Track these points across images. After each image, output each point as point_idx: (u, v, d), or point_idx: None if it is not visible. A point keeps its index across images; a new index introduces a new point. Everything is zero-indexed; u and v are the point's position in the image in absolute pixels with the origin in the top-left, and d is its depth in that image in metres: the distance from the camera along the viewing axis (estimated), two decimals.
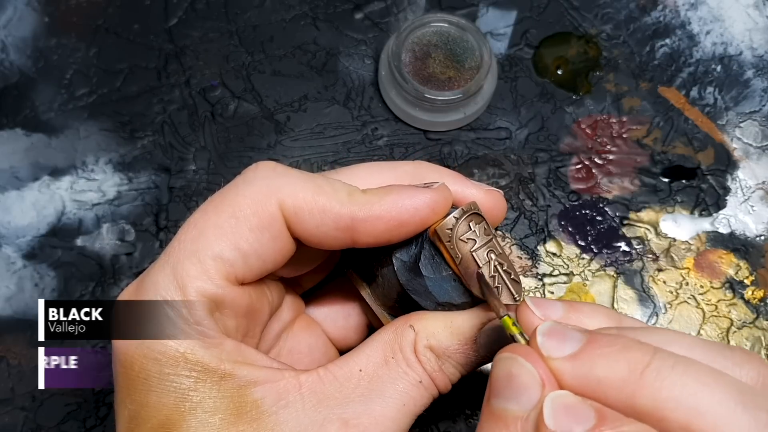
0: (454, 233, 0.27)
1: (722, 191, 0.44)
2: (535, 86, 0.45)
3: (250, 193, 0.27)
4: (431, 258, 0.28)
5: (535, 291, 0.41)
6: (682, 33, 0.47)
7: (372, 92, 0.45)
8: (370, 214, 0.27)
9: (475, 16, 0.47)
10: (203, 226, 0.27)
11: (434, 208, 0.27)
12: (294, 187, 0.27)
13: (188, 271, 0.26)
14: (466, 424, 0.39)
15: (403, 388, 0.26)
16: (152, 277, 0.26)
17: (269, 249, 0.27)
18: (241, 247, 0.26)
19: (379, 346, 0.27)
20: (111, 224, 0.42)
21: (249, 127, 0.44)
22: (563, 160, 0.44)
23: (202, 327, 0.25)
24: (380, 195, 0.27)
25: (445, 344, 0.27)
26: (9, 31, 0.46)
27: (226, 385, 0.25)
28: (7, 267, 0.41)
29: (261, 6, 0.47)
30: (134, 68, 0.45)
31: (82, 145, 0.44)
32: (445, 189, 0.28)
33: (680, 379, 0.20)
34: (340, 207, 0.27)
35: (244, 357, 0.26)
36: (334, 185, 0.27)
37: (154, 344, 0.25)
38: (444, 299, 0.28)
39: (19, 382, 0.39)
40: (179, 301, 0.25)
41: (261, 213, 0.26)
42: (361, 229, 0.27)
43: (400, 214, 0.27)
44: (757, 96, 0.46)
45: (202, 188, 0.43)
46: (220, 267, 0.26)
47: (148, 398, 0.25)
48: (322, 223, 0.27)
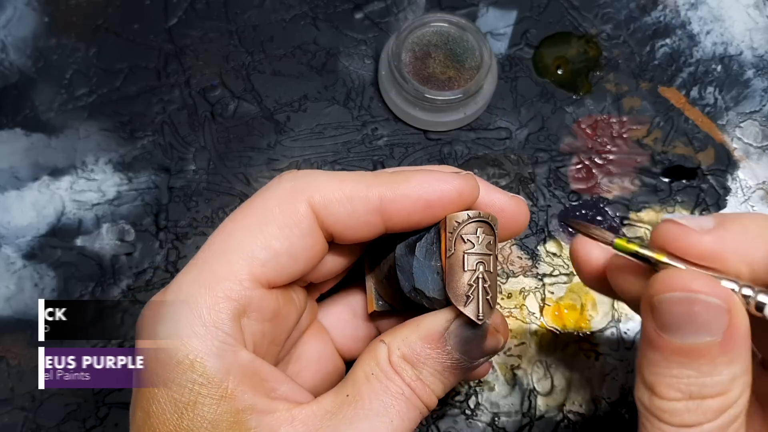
0: (459, 228, 0.27)
1: (722, 191, 0.44)
2: (535, 86, 0.45)
3: (277, 195, 0.27)
4: (430, 244, 0.28)
5: (535, 291, 0.41)
6: (682, 33, 0.47)
7: (372, 92, 0.45)
8: (398, 193, 0.27)
9: (475, 16, 0.47)
10: (232, 228, 0.26)
11: (461, 194, 0.27)
12: (319, 182, 0.27)
13: (216, 272, 0.25)
14: (467, 424, 0.39)
15: (387, 402, 0.26)
16: (180, 278, 0.26)
17: (301, 248, 0.27)
18: (272, 245, 0.26)
19: (359, 366, 0.27)
20: (111, 224, 0.42)
21: (249, 127, 0.44)
22: (563, 160, 0.44)
23: (221, 331, 0.25)
24: (407, 175, 0.27)
25: (417, 350, 0.27)
26: (9, 31, 0.46)
27: (225, 406, 0.25)
28: (6, 267, 0.41)
29: (261, 6, 0.47)
30: (134, 68, 0.45)
31: (82, 145, 0.44)
32: (472, 178, 0.28)
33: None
34: (367, 190, 0.27)
35: (253, 372, 0.26)
36: (358, 173, 0.27)
37: (166, 348, 0.25)
38: (419, 286, 0.28)
39: (19, 382, 0.39)
40: (201, 302, 0.25)
41: (290, 211, 0.26)
42: (391, 210, 0.27)
43: (428, 194, 0.27)
44: (757, 96, 0.46)
45: (202, 188, 0.43)
46: (251, 268, 0.26)
47: (151, 407, 0.25)
48: (353, 210, 0.27)
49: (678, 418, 0.22)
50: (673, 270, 0.23)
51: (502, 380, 0.40)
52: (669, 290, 0.22)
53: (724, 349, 0.22)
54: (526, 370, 0.40)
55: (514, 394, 0.39)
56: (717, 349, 0.22)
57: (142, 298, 0.41)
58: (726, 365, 0.22)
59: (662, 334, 0.22)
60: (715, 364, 0.22)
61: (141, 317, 0.27)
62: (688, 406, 0.22)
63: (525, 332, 0.40)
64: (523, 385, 0.39)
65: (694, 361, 0.22)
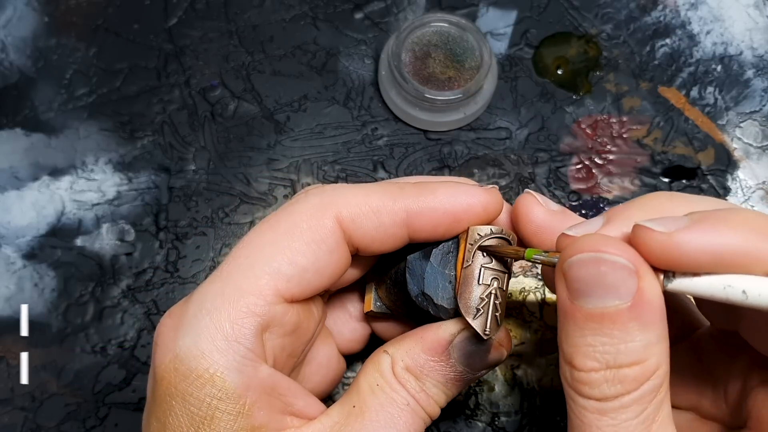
0: (481, 240, 0.27)
1: (722, 191, 0.44)
2: (535, 86, 0.45)
3: (304, 210, 0.27)
4: (447, 252, 0.28)
5: (535, 291, 0.41)
6: (682, 33, 0.47)
7: (372, 92, 0.45)
8: (425, 206, 0.27)
9: (475, 16, 0.47)
10: (259, 242, 0.26)
11: (486, 208, 0.27)
12: (346, 197, 0.27)
13: (241, 285, 0.25)
14: (467, 424, 0.39)
15: (394, 413, 0.26)
16: (203, 289, 0.26)
17: (326, 263, 0.27)
18: (298, 262, 0.26)
19: (363, 377, 0.27)
20: (111, 224, 0.42)
21: (249, 127, 0.44)
22: (563, 160, 0.44)
23: (242, 346, 0.25)
24: (433, 187, 0.27)
25: (420, 362, 0.27)
26: (9, 31, 0.46)
27: (241, 422, 0.24)
28: (6, 267, 0.41)
29: (261, 6, 0.47)
30: (134, 68, 0.45)
31: (82, 145, 0.44)
32: (497, 192, 0.28)
33: (709, 204, 0.21)
34: (393, 203, 0.27)
35: (272, 388, 0.26)
36: (383, 185, 0.27)
37: (186, 360, 0.25)
38: (429, 291, 0.28)
39: (19, 382, 0.39)
40: (224, 315, 0.25)
41: (317, 227, 0.26)
42: (417, 223, 0.27)
43: (454, 208, 0.27)
44: (757, 96, 0.46)
45: (202, 188, 0.43)
46: (276, 283, 0.26)
47: (168, 419, 0.25)
48: (379, 224, 0.27)
49: (597, 390, 0.22)
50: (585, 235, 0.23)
51: (502, 380, 0.40)
52: (578, 252, 0.22)
53: (635, 314, 0.21)
54: (526, 370, 0.40)
55: (514, 394, 0.39)
56: (627, 314, 0.21)
57: (142, 299, 0.41)
58: (639, 331, 0.21)
59: (574, 302, 0.22)
60: (627, 330, 0.21)
61: (160, 326, 0.26)
62: (605, 376, 0.22)
63: (525, 332, 0.40)
64: (523, 385, 0.39)
65: (605, 327, 0.21)
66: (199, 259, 0.42)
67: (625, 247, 0.22)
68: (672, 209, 0.23)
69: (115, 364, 0.39)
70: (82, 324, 0.40)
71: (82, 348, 0.40)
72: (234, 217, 0.42)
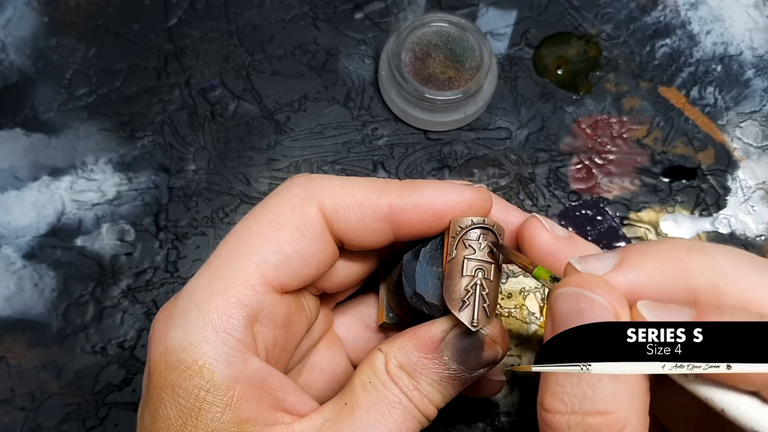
0: (462, 232, 0.27)
1: (722, 191, 0.44)
2: (535, 86, 0.45)
3: (288, 199, 0.27)
4: (434, 249, 0.28)
5: (535, 291, 0.41)
6: (682, 33, 0.47)
7: (372, 92, 0.45)
8: (409, 202, 0.27)
9: (475, 16, 0.47)
10: (245, 233, 0.26)
11: (472, 205, 0.27)
12: (331, 187, 0.27)
13: (229, 277, 0.25)
14: (466, 425, 0.39)
15: (385, 411, 0.26)
16: (192, 282, 0.26)
17: (312, 252, 0.27)
18: (284, 250, 0.26)
19: (357, 375, 0.27)
20: (111, 224, 0.42)
21: (249, 127, 0.44)
22: (563, 160, 0.44)
23: (231, 337, 0.25)
24: (418, 185, 0.27)
25: (413, 359, 0.26)
26: (9, 31, 0.46)
27: (228, 415, 0.24)
28: (6, 267, 0.41)
29: (261, 6, 0.47)
30: (134, 68, 0.45)
31: (82, 145, 0.44)
32: (485, 191, 0.28)
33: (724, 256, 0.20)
34: (377, 197, 0.27)
35: (262, 381, 0.26)
36: (370, 180, 0.27)
37: (176, 352, 0.25)
38: (420, 290, 0.28)
39: (19, 382, 0.39)
40: (213, 307, 0.25)
41: (301, 215, 0.26)
42: (401, 219, 0.27)
43: (438, 204, 0.27)
44: (757, 96, 0.46)
45: (202, 188, 0.43)
46: (263, 272, 0.26)
47: (158, 411, 0.25)
48: (362, 216, 0.27)
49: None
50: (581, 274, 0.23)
51: None
52: (564, 286, 0.22)
53: None
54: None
55: (514, 394, 0.39)
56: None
57: (142, 298, 0.41)
58: (609, 379, 0.20)
59: (554, 334, 0.21)
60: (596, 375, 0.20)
61: (154, 321, 0.27)
62: (569, 422, 0.20)
63: (525, 332, 0.40)
64: (523, 385, 0.39)
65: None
66: (199, 259, 0.42)
67: (609, 289, 0.21)
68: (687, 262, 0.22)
69: (115, 364, 0.39)
70: (82, 324, 0.40)
71: (82, 348, 0.40)
72: (234, 217, 0.42)
